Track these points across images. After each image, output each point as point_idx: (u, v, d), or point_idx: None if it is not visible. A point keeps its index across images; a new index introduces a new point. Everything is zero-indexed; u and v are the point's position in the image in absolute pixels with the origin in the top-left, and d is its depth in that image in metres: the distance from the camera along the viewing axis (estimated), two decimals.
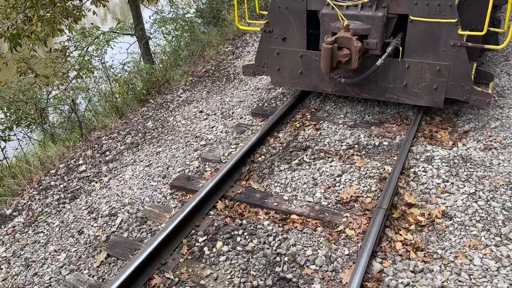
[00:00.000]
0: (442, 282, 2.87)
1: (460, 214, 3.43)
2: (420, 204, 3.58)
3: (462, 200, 3.57)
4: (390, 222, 3.41)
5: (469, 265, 2.99)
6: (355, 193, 3.76)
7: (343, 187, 3.86)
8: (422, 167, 4.00)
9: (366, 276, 2.93)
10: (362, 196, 3.72)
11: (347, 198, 3.71)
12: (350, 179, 3.94)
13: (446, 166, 3.98)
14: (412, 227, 3.35)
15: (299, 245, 3.28)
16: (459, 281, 2.88)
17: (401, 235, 3.28)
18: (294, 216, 3.57)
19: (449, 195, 3.64)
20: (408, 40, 4.38)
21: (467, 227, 3.32)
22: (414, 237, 3.25)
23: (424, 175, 3.90)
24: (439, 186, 3.75)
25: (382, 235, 3.28)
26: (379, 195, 3.69)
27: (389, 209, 3.44)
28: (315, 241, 3.31)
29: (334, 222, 3.47)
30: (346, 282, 2.92)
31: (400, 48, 4.43)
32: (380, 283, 2.89)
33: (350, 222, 3.44)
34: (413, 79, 4.48)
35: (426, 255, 3.10)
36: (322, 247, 3.25)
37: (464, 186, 3.72)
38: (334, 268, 3.06)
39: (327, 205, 3.67)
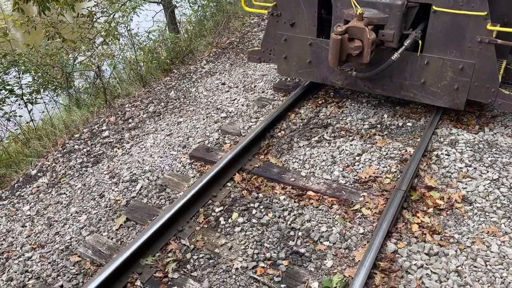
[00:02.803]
0: (457, 267, 2.85)
1: (481, 200, 3.37)
2: (440, 188, 3.52)
3: (484, 186, 3.49)
4: (408, 204, 3.38)
5: (486, 251, 2.95)
6: (374, 173, 3.72)
7: (362, 167, 3.83)
8: (445, 150, 3.92)
9: (379, 256, 2.93)
10: (381, 177, 3.69)
11: (365, 177, 3.68)
12: (370, 159, 3.90)
13: (470, 150, 3.89)
14: (430, 210, 3.31)
15: (314, 221, 3.29)
16: (475, 266, 2.85)
17: (418, 217, 3.25)
18: (310, 193, 3.57)
19: (471, 180, 3.57)
20: (430, 33, 3.95)
21: (487, 214, 3.26)
22: (432, 220, 3.22)
23: (447, 159, 3.82)
24: (461, 171, 3.68)
25: (398, 216, 3.25)
26: (399, 176, 3.65)
27: (408, 191, 3.40)
28: (330, 218, 3.32)
29: (350, 200, 3.46)
30: (359, 260, 2.93)
31: (420, 42, 3.98)
32: (393, 264, 2.89)
33: (367, 202, 3.42)
34: (432, 76, 4.07)
35: (442, 238, 3.07)
36: (337, 224, 3.26)
37: (488, 172, 3.63)
38: (347, 245, 3.07)
39: (345, 183, 3.66)
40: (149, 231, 3.08)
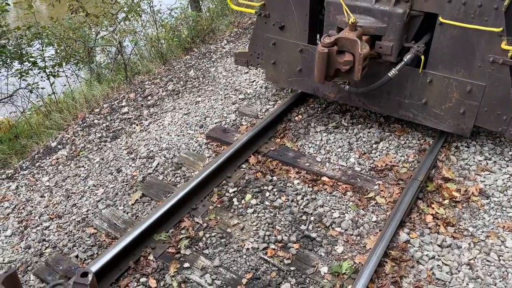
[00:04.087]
0: (469, 260, 2.82)
1: (498, 194, 3.31)
2: (458, 180, 3.47)
3: (503, 180, 3.43)
4: (423, 195, 3.34)
5: (500, 246, 2.92)
6: (390, 161, 3.69)
7: (379, 155, 3.79)
8: (465, 142, 3.85)
9: (391, 245, 2.92)
10: (397, 166, 3.65)
11: (381, 166, 3.65)
12: (387, 147, 3.86)
13: (491, 143, 3.81)
14: (446, 202, 3.28)
15: (326, 206, 3.29)
16: (487, 260, 2.82)
17: (433, 208, 3.22)
18: (325, 178, 3.57)
19: (489, 174, 3.50)
20: (434, 47, 3.44)
21: (504, 208, 3.21)
22: (446, 212, 3.18)
23: (466, 151, 3.75)
24: (480, 164, 3.61)
25: (413, 206, 3.23)
26: (416, 166, 3.61)
27: (424, 181, 3.36)
28: (343, 205, 3.31)
29: (365, 188, 3.44)
30: (370, 248, 2.93)
31: (423, 57, 3.47)
32: (404, 253, 2.88)
33: (382, 190, 3.40)
34: (435, 97, 3.58)
35: (456, 231, 3.04)
36: (349, 211, 3.25)
37: (508, 166, 3.56)
38: (359, 233, 3.07)
39: (360, 171, 3.63)
40: (164, 208, 3.13)
